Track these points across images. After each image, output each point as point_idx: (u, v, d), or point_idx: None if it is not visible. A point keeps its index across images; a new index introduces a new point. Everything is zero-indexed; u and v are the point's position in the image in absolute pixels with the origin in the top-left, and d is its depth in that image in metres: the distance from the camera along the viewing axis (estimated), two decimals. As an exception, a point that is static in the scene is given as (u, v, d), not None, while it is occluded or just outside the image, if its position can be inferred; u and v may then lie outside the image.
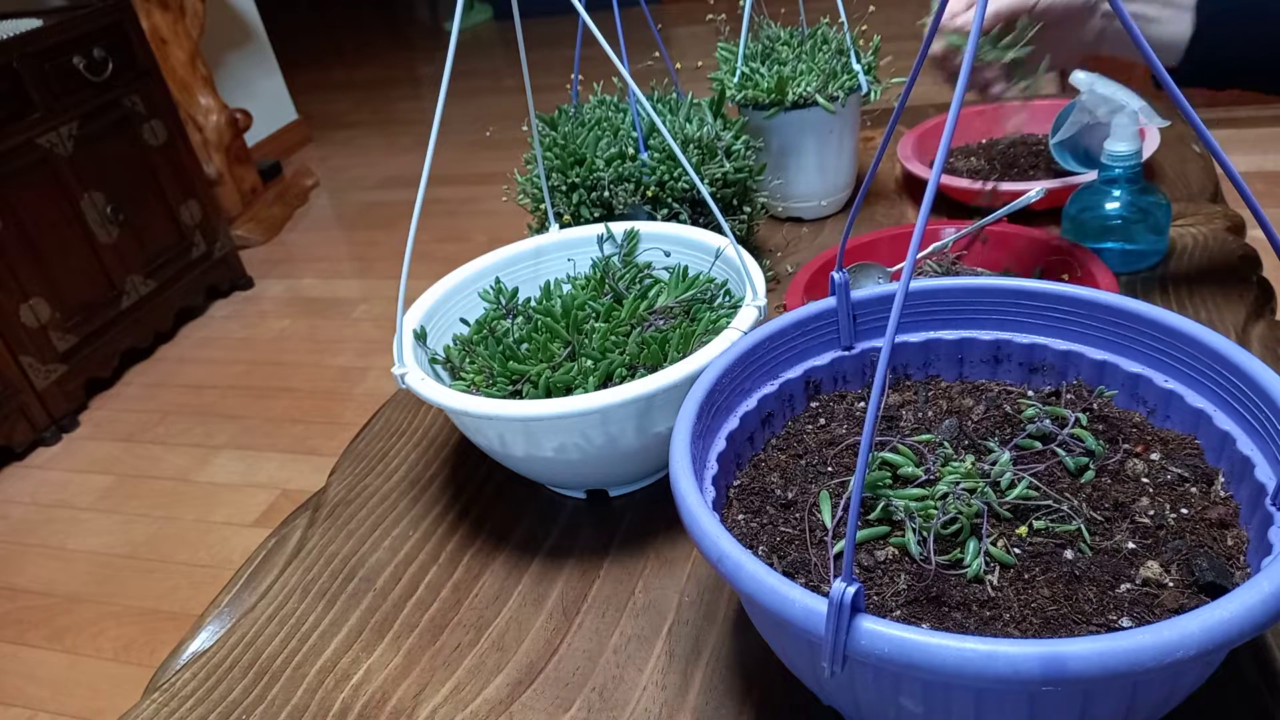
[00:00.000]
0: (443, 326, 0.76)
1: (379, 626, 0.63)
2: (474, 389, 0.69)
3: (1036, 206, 0.92)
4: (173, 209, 2.55)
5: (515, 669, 0.59)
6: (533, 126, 0.83)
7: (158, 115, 2.49)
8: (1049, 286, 0.58)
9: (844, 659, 0.38)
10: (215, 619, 0.68)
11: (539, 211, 0.90)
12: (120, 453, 2.17)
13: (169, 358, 2.54)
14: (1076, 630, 0.43)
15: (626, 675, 0.57)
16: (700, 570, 0.64)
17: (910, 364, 0.63)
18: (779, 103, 0.99)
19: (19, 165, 2.11)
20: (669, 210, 0.86)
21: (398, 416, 0.86)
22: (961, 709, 0.40)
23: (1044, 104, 1.12)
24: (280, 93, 3.74)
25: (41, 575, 1.84)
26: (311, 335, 2.54)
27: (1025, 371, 0.60)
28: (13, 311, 2.09)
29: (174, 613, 1.71)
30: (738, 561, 0.42)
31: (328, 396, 2.26)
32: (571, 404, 0.59)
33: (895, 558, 0.49)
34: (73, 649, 1.67)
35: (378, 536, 0.71)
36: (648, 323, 0.71)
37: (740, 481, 0.56)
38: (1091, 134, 0.93)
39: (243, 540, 1.85)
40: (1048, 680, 0.35)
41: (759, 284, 0.67)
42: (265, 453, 2.10)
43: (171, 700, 0.60)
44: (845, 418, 0.60)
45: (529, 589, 0.65)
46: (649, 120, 0.87)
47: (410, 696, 0.58)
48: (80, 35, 2.25)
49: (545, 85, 3.11)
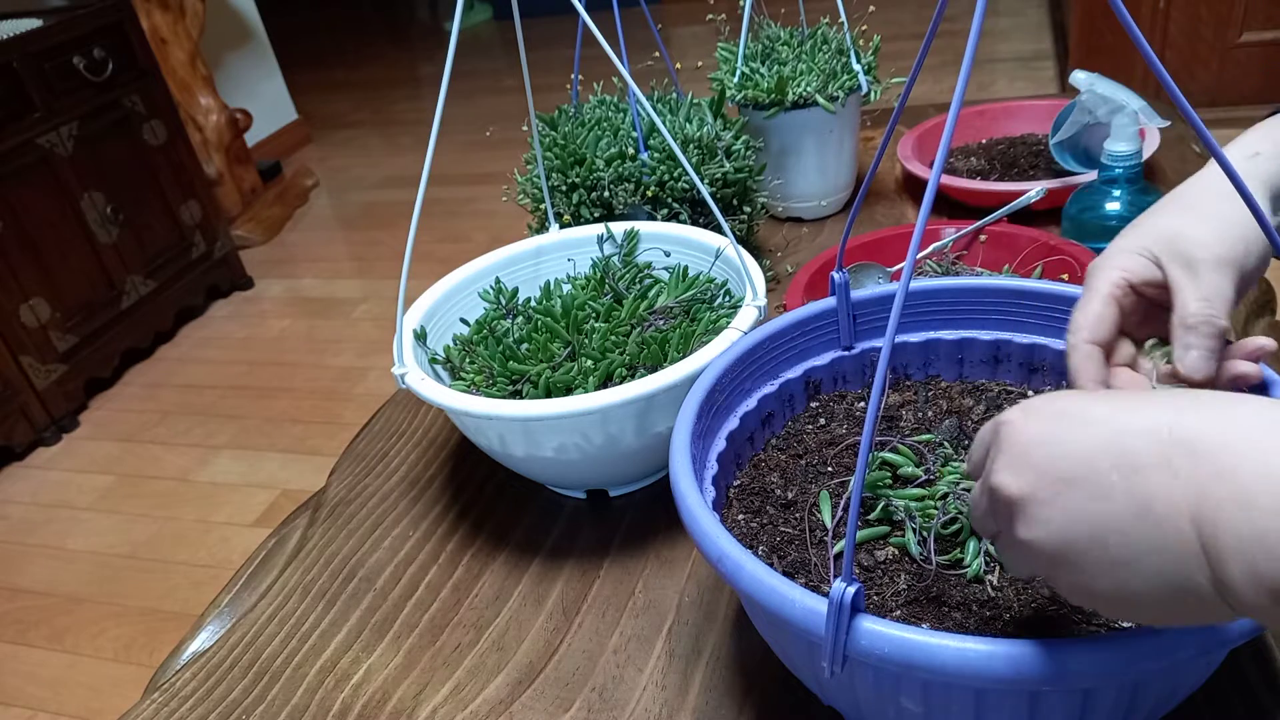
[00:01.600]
0: (443, 326, 0.76)
1: (379, 626, 0.63)
2: (474, 389, 0.69)
3: (1036, 206, 0.92)
4: (173, 209, 2.55)
5: (515, 669, 0.59)
6: (533, 126, 0.83)
7: (158, 115, 2.49)
8: (1049, 286, 0.58)
9: (844, 659, 0.38)
10: (215, 619, 0.68)
11: (539, 211, 0.90)
12: (120, 453, 2.17)
13: (169, 358, 2.54)
14: (1076, 630, 0.43)
15: (626, 675, 0.57)
16: (700, 570, 0.64)
17: (910, 364, 0.63)
18: (779, 103, 0.99)
19: (19, 165, 2.11)
20: (669, 210, 0.86)
21: (398, 416, 0.86)
22: (961, 709, 0.40)
23: (1044, 104, 1.12)
24: (280, 93, 3.74)
25: (41, 575, 1.84)
26: (311, 335, 2.54)
27: (1025, 371, 0.60)
28: (13, 311, 2.09)
29: (174, 613, 1.71)
30: (738, 561, 0.42)
31: (328, 396, 2.26)
32: (571, 404, 0.59)
33: (895, 558, 0.49)
34: (73, 649, 1.67)
35: (378, 536, 0.71)
36: (648, 323, 0.71)
37: (740, 481, 0.56)
38: (1091, 134, 0.93)
39: (243, 540, 1.85)
40: (1048, 680, 0.35)
41: (759, 284, 0.67)
42: (265, 453, 2.10)
43: (171, 700, 0.60)
44: (845, 418, 0.60)
45: (529, 589, 0.65)
46: (649, 120, 0.87)
47: (410, 696, 0.58)
48: (80, 35, 2.25)
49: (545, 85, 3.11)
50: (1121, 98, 0.83)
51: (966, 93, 0.34)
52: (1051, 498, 0.33)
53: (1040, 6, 3.90)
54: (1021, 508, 0.34)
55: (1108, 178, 0.83)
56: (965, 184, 0.98)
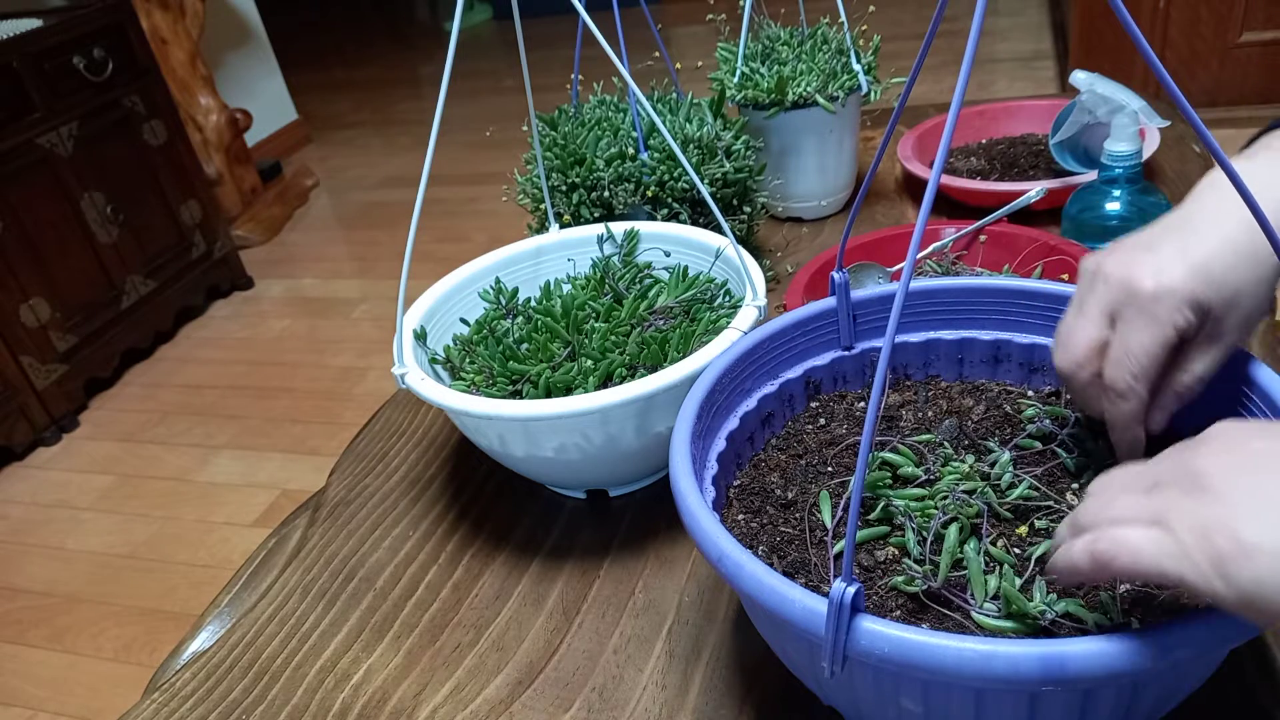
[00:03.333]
0: (443, 326, 0.76)
1: (379, 626, 0.63)
2: (474, 389, 0.69)
3: (1036, 206, 0.92)
4: (173, 209, 2.55)
5: (515, 669, 0.59)
6: (533, 126, 0.83)
7: (158, 115, 2.49)
8: (1049, 286, 0.58)
9: (844, 659, 0.38)
10: (215, 619, 0.68)
11: (539, 211, 0.90)
12: (120, 453, 2.17)
13: (169, 358, 2.54)
14: (1076, 630, 0.43)
15: (626, 675, 0.57)
16: (700, 570, 0.64)
17: (910, 364, 0.63)
18: (779, 103, 0.99)
19: (19, 165, 2.11)
20: (669, 210, 0.86)
21: (398, 416, 0.86)
22: (961, 709, 0.40)
23: (1044, 104, 1.12)
24: (280, 93, 3.74)
25: (41, 575, 1.84)
26: (311, 335, 2.54)
27: (1025, 371, 0.60)
28: (13, 311, 2.09)
29: (174, 613, 1.71)
30: (738, 561, 0.42)
31: (328, 396, 2.26)
32: (571, 404, 0.59)
33: (895, 558, 0.49)
34: (73, 649, 1.67)
35: (378, 536, 0.71)
36: (648, 323, 0.71)
37: (740, 481, 0.56)
38: (1091, 134, 0.93)
39: (243, 540, 1.85)
40: (1048, 680, 0.35)
41: (759, 284, 0.67)
42: (265, 453, 2.10)
43: (171, 700, 0.60)
44: (845, 418, 0.60)
45: (529, 589, 0.65)
46: (649, 120, 0.87)
47: (410, 696, 0.58)
48: (80, 35, 2.25)
49: (545, 85, 3.11)
50: (1121, 98, 0.83)
51: (966, 93, 0.34)
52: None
53: (1040, 6, 3.90)
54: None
55: (1108, 178, 0.83)
56: (965, 184, 0.98)
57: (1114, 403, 0.47)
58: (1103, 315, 0.47)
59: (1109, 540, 0.35)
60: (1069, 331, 0.48)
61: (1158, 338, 0.45)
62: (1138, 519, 0.35)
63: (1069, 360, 0.48)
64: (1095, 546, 0.35)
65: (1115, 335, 0.47)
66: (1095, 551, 0.35)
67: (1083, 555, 0.35)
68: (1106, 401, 0.47)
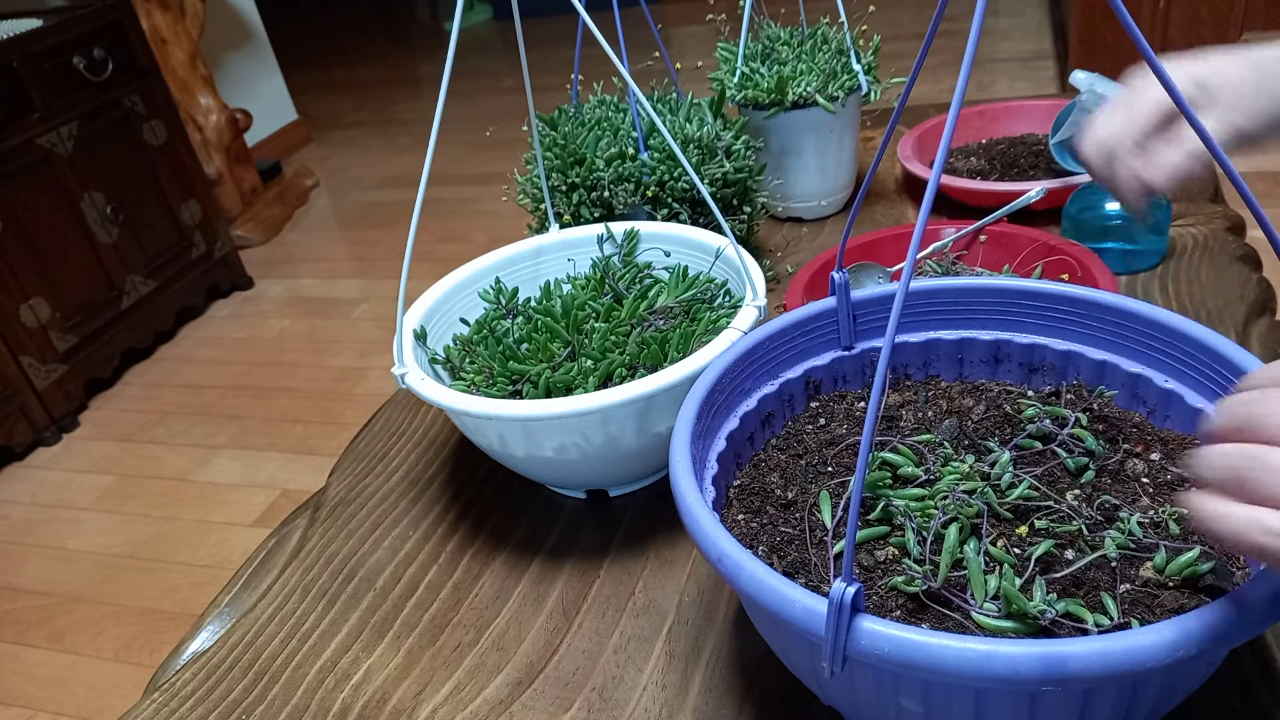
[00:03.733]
0: (443, 326, 0.76)
1: (379, 626, 0.63)
2: (474, 389, 0.69)
3: (1036, 206, 0.92)
4: (173, 209, 2.55)
5: (515, 669, 0.59)
6: (533, 126, 0.83)
7: (158, 115, 2.49)
8: (1049, 286, 0.58)
9: (844, 659, 0.38)
10: (215, 619, 0.68)
11: (539, 211, 0.90)
12: (120, 453, 2.17)
13: (169, 358, 2.54)
14: (1076, 630, 0.43)
15: (626, 675, 0.57)
16: (700, 570, 0.64)
17: (910, 364, 0.63)
18: (779, 103, 0.99)
19: (19, 165, 2.11)
20: (669, 210, 0.86)
21: (398, 416, 0.86)
22: (961, 709, 0.40)
23: (1044, 104, 1.12)
24: (280, 93, 3.74)
25: (41, 575, 1.84)
26: (311, 335, 2.54)
27: (1025, 371, 0.60)
28: (13, 311, 2.09)
29: (174, 613, 1.71)
30: (738, 561, 0.42)
31: (328, 396, 2.26)
32: (571, 404, 0.59)
33: (895, 558, 0.49)
34: (73, 649, 1.67)
35: (378, 536, 0.71)
36: (648, 323, 0.71)
37: (740, 481, 0.56)
38: (1091, 134, 0.93)
39: (243, 540, 1.85)
40: (1048, 680, 0.35)
41: (759, 284, 0.67)
42: (265, 453, 2.10)
43: (171, 700, 0.60)
44: (845, 418, 0.60)
45: (529, 589, 0.65)
46: (649, 120, 0.87)
47: (410, 696, 0.58)
48: (80, 35, 2.25)
49: (545, 85, 3.11)
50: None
51: (966, 93, 0.34)
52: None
53: (1040, 6, 3.90)
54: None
55: (1108, 178, 0.82)
56: (965, 184, 0.98)
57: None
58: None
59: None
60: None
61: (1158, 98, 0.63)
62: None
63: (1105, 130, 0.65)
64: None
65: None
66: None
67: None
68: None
